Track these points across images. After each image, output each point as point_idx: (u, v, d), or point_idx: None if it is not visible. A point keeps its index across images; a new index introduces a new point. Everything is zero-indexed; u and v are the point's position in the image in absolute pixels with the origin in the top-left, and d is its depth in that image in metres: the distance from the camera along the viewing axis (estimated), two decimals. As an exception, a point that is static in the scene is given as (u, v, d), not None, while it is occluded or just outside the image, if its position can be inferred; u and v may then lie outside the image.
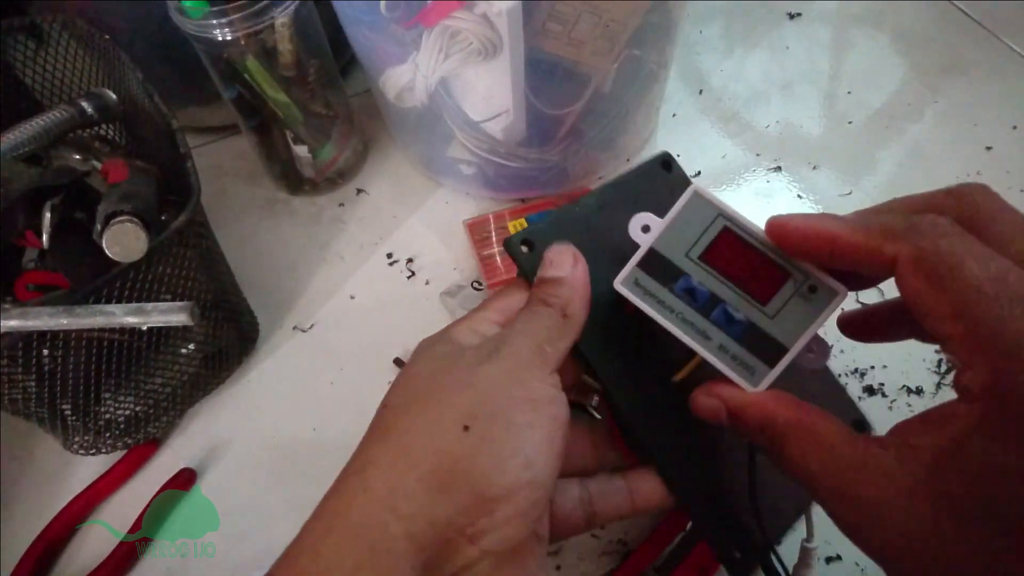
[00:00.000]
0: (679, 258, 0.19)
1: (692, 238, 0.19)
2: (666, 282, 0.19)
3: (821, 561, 0.34)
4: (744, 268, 0.18)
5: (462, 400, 0.18)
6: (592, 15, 0.37)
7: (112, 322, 0.31)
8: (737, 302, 0.19)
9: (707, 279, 0.19)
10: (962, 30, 0.60)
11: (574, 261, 0.21)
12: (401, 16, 0.37)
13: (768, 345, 0.18)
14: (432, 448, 0.17)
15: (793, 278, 0.18)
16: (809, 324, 0.18)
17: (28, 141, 0.39)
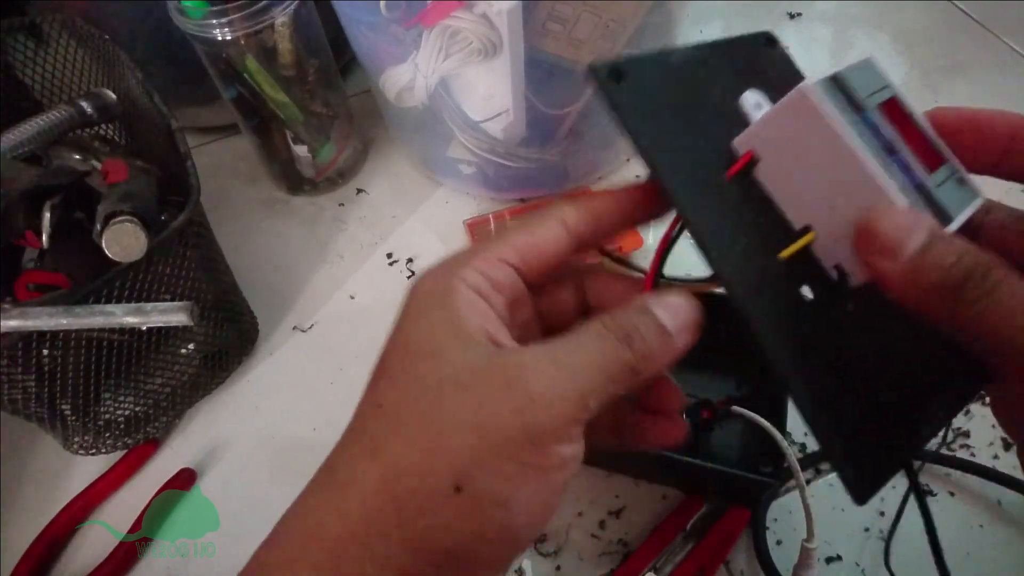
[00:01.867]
0: (863, 96, 0.17)
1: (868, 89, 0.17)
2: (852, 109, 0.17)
3: (821, 561, 0.34)
4: (912, 136, 0.17)
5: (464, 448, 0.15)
6: (592, 15, 0.37)
7: (112, 322, 0.31)
8: (912, 160, 0.17)
9: (887, 126, 0.17)
10: (962, 30, 0.60)
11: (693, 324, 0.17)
12: (401, 16, 0.37)
13: (936, 207, 0.17)
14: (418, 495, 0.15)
15: (948, 164, 0.17)
16: (966, 205, 0.17)
17: (28, 141, 0.39)
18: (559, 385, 0.15)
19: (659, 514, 0.36)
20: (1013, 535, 0.35)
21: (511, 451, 0.15)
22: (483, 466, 0.15)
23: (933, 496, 0.36)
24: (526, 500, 0.15)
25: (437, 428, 0.15)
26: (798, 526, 0.33)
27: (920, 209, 0.16)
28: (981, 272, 0.14)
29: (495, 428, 0.15)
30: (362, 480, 0.16)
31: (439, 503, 0.15)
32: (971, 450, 0.38)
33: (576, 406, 0.15)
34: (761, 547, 0.34)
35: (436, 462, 0.15)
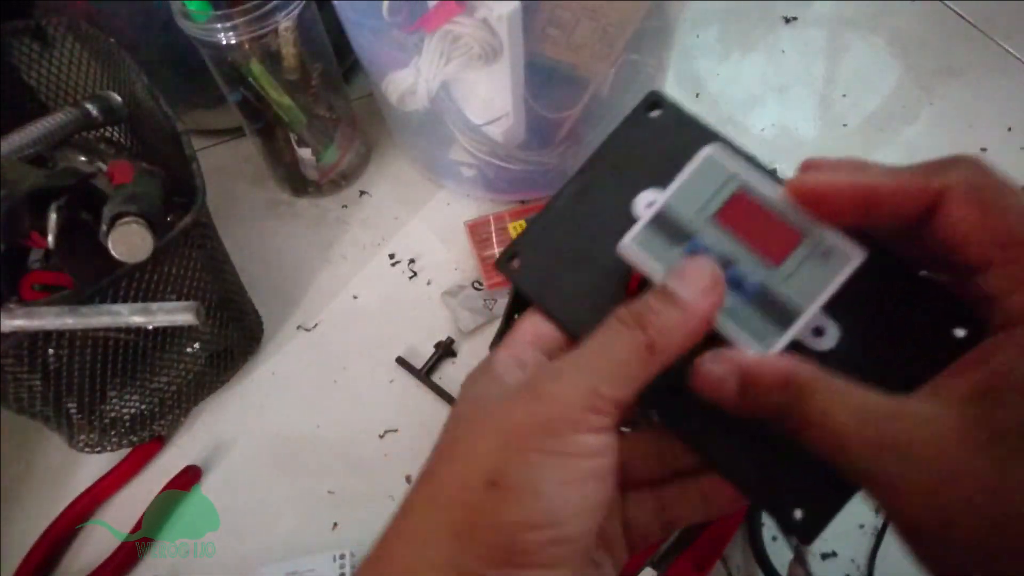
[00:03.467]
0: (689, 218, 0.18)
1: (704, 198, 0.18)
2: (675, 243, 0.18)
3: (816, 557, 0.35)
4: (757, 229, 0.18)
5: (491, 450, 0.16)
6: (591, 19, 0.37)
7: (118, 322, 0.32)
8: (749, 264, 0.17)
9: (718, 240, 0.18)
10: (957, 32, 0.61)
11: (711, 285, 0.17)
12: (403, 21, 0.38)
13: (781, 309, 0.17)
14: (459, 500, 0.16)
15: (807, 240, 0.17)
16: (824, 287, 0.17)
17: (33, 142, 0.39)
18: (569, 379, 0.16)
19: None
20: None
21: (533, 443, 0.16)
22: (510, 461, 0.16)
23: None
24: (557, 486, 0.16)
25: (470, 442, 0.17)
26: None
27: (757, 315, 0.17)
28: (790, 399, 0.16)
29: (516, 427, 0.16)
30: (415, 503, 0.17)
31: (477, 500, 0.16)
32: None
33: (587, 395, 0.16)
34: (757, 543, 0.34)
35: (470, 467, 0.16)
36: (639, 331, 0.16)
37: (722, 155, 0.19)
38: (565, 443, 0.16)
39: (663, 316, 0.17)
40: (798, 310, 0.17)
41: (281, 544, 0.37)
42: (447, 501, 0.16)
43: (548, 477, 0.16)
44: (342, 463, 0.40)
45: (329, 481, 0.39)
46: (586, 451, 0.16)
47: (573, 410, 0.16)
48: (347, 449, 0.40)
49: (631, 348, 0.16)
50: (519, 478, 0.16)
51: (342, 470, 0.39)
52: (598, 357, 0.17)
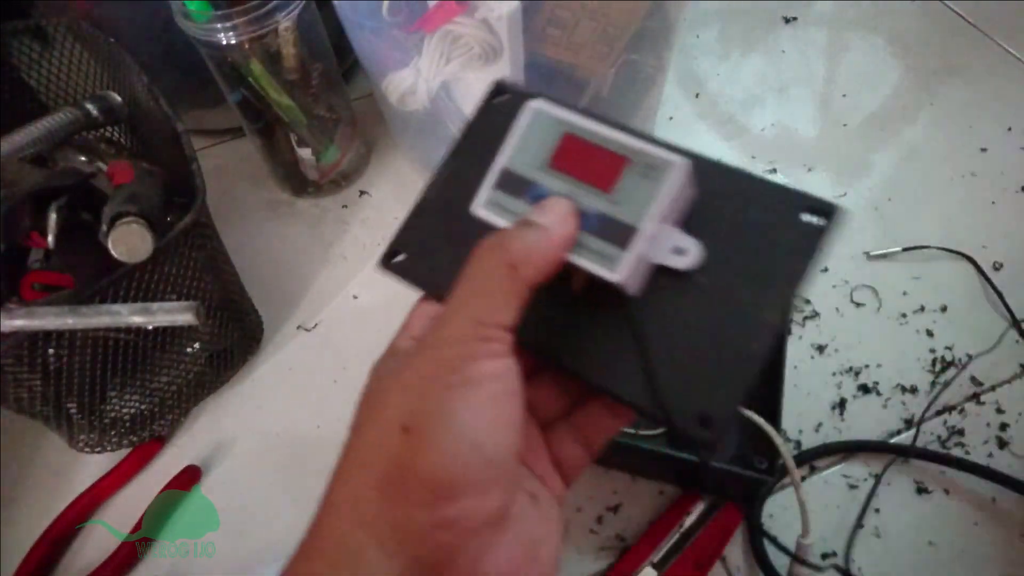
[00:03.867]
0: (528, 170, 0.20)
1: (538, 149, 0.20)
2: (520, 196, 0.19)
3: (816, 557, 0.35)
4: (588, 164, 0.19)
5: (399, 400, 0.17)
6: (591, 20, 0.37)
7: (118, 322, 0.32)
8: (587, 197, 0.19)
9: (556, 183, 0.19)
10: (957, 32, 0.61)
11: (566, 213, 0.18)
12: (403, 21, 0.38)
13: (620, 230, 0.18)
14: (380, 454, 0.17)
15: (633, 161, 0.19)
16: (653, 200, 0.18)
17: (34, 143, 0.39)
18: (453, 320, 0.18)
19: (656, 510, 0.36)
20: (1007, 533, 0.35)
21: (436, 383, 0.17)
22: (418, 403, 0.17)
23: (928, 494, 0.37)
24: (466, 413, 0.16)
25: (380, 402, 0.18)
26: (793, 522, 0.34)
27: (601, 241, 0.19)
28: None
29: (417, 375, 0.17)
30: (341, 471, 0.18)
31: (395, 448, 0.17)
32: (965, 448, 0.38)
33: (472, 327, 0.17)
34: (757, 543, 0.34)
35: (384, 421, 0.17)
36: (501, 252, 0.18)
37: (546, 106, 0.20)
38: (465, 374, 0.17)
39: (522, 237, 0.18)
40: (635, 227, 0.18)
41: (281, 544, 0.37)
42: (367, 458, 0.17)
43: (456, 407, 0.16)
44: (342, 463, 0.40)
45: (329, 481, 0.39)
46: (486, 376, 0.17)
47: (464, 344, 0.17)
48: (347, 449, 0.40)
49: (496, 270, 0.18)
50: (429, 415, 0.17)
51: (342, 470, 0.39)
52: (471, 291, 0.18)
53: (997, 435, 0.38)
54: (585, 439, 0.22)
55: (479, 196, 0.20)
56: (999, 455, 0.38)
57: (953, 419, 0.39)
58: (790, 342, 0.42)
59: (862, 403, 0.40)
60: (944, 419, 0.39)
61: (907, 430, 0.39)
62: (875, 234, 0.47)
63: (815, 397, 0.40)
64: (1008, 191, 0.49)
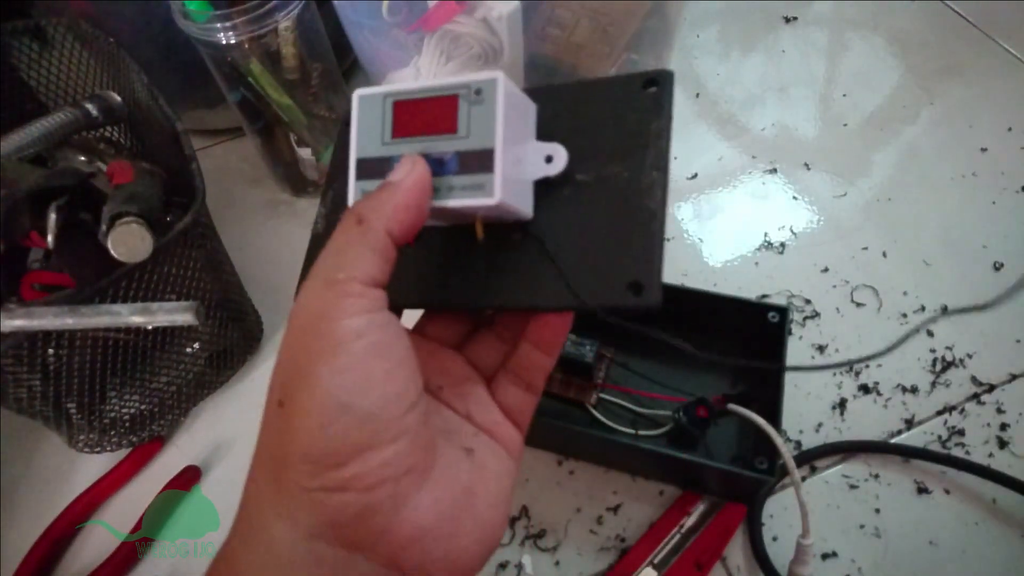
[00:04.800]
0: (377, 149, 0.20)
1: (379, 127, 0.20)
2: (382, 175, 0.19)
3: (817, 557, 0.35)
4: (426, 118, 0.20)
5: (276, 379, 0.18)
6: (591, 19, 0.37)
7: (117, 322, 0.32)
8: (439, 146, 0.19)
9: (405, 148, 0.20)
10: (957, 32, 0.61)
11: (410, 164, 0.19)
12: (403, 21, 0.38)
13: (480, 159, 0.19)
14: (264, 432, 0.18)
15: (460, 95, 0.19)
16: (492, 119, 0.19)
17: (33, 142, 0.39)
18: (311, 284, 0.17)
19: (656, 510, 0.36)
20: (1008, 533, 0.35)
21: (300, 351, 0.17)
22: (289, 375, 0.17)
23: (928, 494, 0.37)
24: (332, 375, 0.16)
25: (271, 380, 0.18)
26: (794, 522, 0.34)
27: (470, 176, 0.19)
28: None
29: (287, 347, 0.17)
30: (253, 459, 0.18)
31: (275, 424, 0.17)
32: (966, 448, 0.38)
33: (328, 288, 0.17)
34: (757, 543, 0.34)
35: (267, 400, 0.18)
36: (349, 213, 0.18)
37: (367, 90, 0.20)
38: (327, 336, 0.17)
39: (372, 195, 0.18)
40: (490, 148, 0.19)
41: (281, 544, 0.37)
42: (260, 438, 0.18)
43: (321, 371, 0.16)
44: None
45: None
46: (351, 335, 0.17)
47: (321, 305, 0.17)
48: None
49: (346, 230, 0.18)
50: (297, 386, 0.17)
51: (342, 470, 0.39)
52: (326, 255, 0.18)
53: (997, 435, 0.38)
54: (525, 381, 0.22)
55: (349, 194, 0.20)
56: (999, 455, 0.38)
57: (953, 419, 0.39)
58: (790, 342, 0.42)
59: (862, 403, 0.40)
60: (944, 419, 0.39)
61: (907, 430, 0.39)
62: (875, 234, 0.47)
63: (815, 397, 0.40)
64: (1008, 191, 0.49)
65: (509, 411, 0.22)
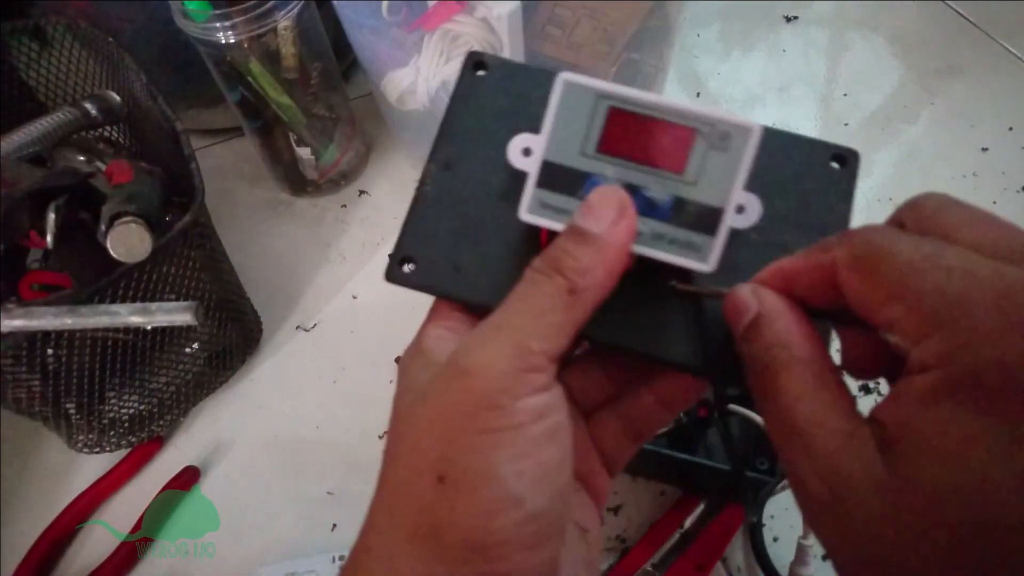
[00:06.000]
0: (575, 159, 0.17)
1: (582, 132, 0.17)
2: (573, 192, 0.17)
3: (817, 558, 0.35)
4: (648, 142, 0.16)
5: (432, 443, 0.15)
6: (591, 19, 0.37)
7: (116, 322, 0.32)
8: (654, 182, 0.16)
9: (614, 171, 0.17)
10: (958, 32, 0.60)
11: (619, 213, 0.16)
12: (403, 20, 0.38)
13: (702, 214, 0.16)
14: (413, 505, 0.15)
15: (701, 132, 0.16)
16: (735, 174, 0.16)
17: (32, 142, 0.39)
18: (493, 344, 0.15)
19: (657, 511, 0.36)
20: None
21: (473, 425, 0.15)
22: (455, 449, 0.15)
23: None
24: (509, 462, 0.15)
25: (412, 440, 0.16)
26: (794, 523, 0.33)
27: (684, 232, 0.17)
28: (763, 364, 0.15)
29: (451, 411, 0.15)
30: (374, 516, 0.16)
31: (430, 499, 0.15)
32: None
33: (517, 356, 0.15)
34: (758, 544, 0.34)
35: (416, 467, 0.15)
36: (558, 277, 0.16)
37: (579, 78, 0.17)
38: (506, 415, 0.15)
39: (579, 256, 0.16)
40: (719, 208, 0.17)
41: (280, 545, 0.37)
42: (402, 508, 0.16)
43: (497, 457, 0.15)
44: (341, 464, 0.40)
45: (328, 482, 0.39)
46: (531, 416, 0.15)
47: (506, 377, 0.15)
48: (346, 450, 0.40)
49: (552, 295, 0.15)
50: (466, 466, 0.15)
51: (341, 471, 0.39)
52: (520, 313, 0.16)
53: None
54: (635, 431, 0.20)
55: (523, 199, 0.17)
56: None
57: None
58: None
59: (863, 403, 0.40)
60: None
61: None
62: (876, 234, 0.47)
63: (816, 397, 0.40)
64: (1009, 191, 0.49)
65: (605, 455, 0.20)
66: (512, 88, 0.20)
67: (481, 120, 0.20)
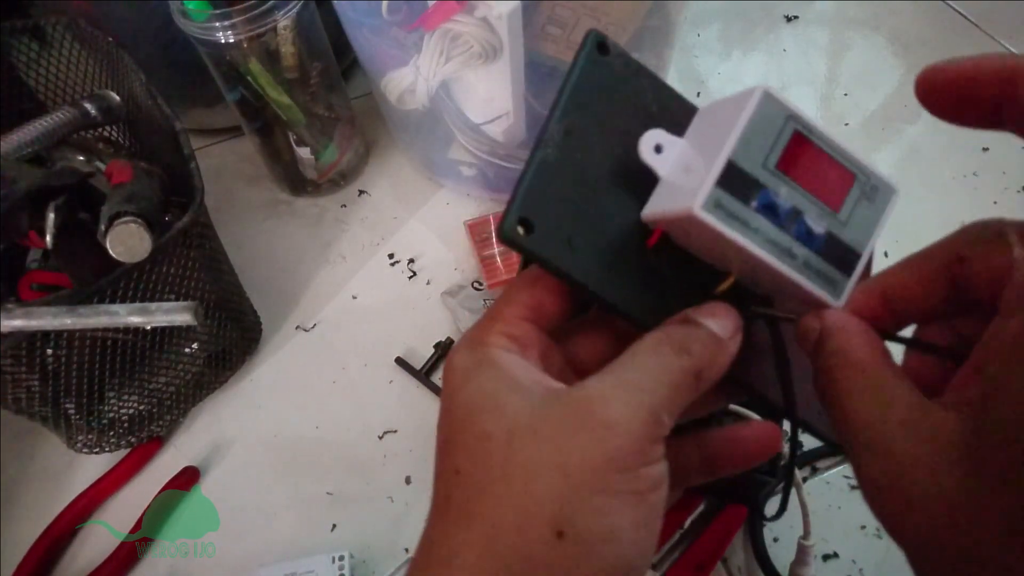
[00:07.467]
0: (755, 168, 0.17)
1: (765, 144, 0.17)
2: (747, 199, 0.17)
3: (818, 558, 0.35)
4: (816, 174, 0.17)
5: (554, 492, 0.15)
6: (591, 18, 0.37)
7: (116, 322, 0.31)
8: (814, 213, 0.17)
9: (785, 191, 0.17)
10: (958, 31, 0.60)
11: (735, 329, 0.17)
12: (403, 19, 0.38)
13: (844, 254, 0.17)
14: (522, 552, 0.15)
15: (858, 180, 0.17)
16: (875, 226, 0.18)
17: (32, 142, 0.39)
18: (630, 406, 0.15)
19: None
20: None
21: (602, 483, 0.15)
22: (579, 505, 0.15)
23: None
24: (631, 528, 0.15)
25: (522, 479, 0.15)
26: (795, 524, 0.33)
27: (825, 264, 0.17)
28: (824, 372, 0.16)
29: (580, 464, 0.15)
30: (464, 552, 0.15)
31: (545, 554, 0.14)
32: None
33: (652, 423, 0.15)
34: (758, 544, 0.34)
35: (531, 514, 0.15)
36: (687, 357, 0.16)
37: (778, 94, 0.17)
38: (634, 479, 0.15)
39: (707, 347, 0.16)
40: (858, 253, 0.18)
41: (280, 545, 0.37)
42: (508, 552, 0.15)
43: (621, 521, 0.15)
44: (341, 464, 0.40)
45: (328, 482, 0.39)
46: (653, 484, 0.15)
47: (639, 440, 0.15)
48: (346, 450, 0.40)
49: (681, 374, 0.16)
50: (591, 526, 0.14)
51: (341, 471, 0.39)
52: (653, 380, 0.16)
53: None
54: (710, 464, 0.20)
55: (699, 194, 0.16)
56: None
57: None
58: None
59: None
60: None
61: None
62: (876, 234, 0.47)
63: (816, 397, 0.40)
64: (1009, 191, 0.49)
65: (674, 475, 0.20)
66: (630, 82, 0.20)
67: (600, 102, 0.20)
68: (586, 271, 0.18)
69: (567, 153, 0.19)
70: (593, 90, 0.19)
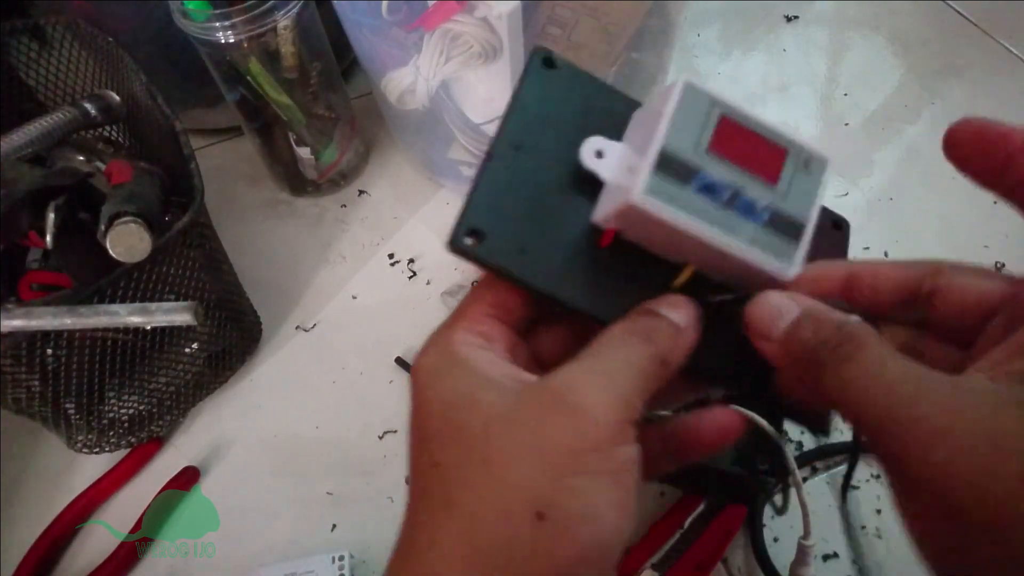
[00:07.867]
0: (688, 154, 0.18)
1: (694, 130, 0.18)
2: (683, 183, 0.17)
3: (818, 559, 0.35)
4: (749, 152, 0.18)
5: (533, 476, 0.15)
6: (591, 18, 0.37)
7: (116, 322, 0.31)
8: (755, 189, 0.18)
9: (721, 171, 0.18)
10: (958, 31, 0.60)
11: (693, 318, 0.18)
12: (403, 19, 0.38)
13: (789, 224, 0.18)
14: (503, 537, 0.15)
15: (790, 153, 0.18)
16: (814, 195, 0.18)
17: (32, 142, 0.39)
18: (602, 391, 0.16)
19: (657, 511, 0.36)
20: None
21: (579, 464, 0.15)
22: (557, 486, 0.15)
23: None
24: (607, 509, 0.15)
25: (501, 465, 0.15)
26: (795, 524, 0.33)
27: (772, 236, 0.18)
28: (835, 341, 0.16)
29: (556, 447, 0.15)
30: (443, 540, 0.15)
31: (526, 537, 0.15)
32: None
33: (623, 406, 0.16)
34: (758, 544, 0.34)
35: (510, 498, 0.15)
36: (652, 345, 0.17)
37: (698, 83, 0.18)
38: (610, 459, 0.15)
39: (670, 335, 0.17)
40: (803, 222, 0.18)
41: (280, 545, 0.37)
42: (488, 537, 0.15)
43: (598, 500, 0.15)
44: (341, 464, 0.40)
45: (328, 482, 0.39)
46: (625, 464, 0.16)
47: (612, 422, 0.15)
48: (346, 450, 0.40)
49: (648, 360, 0.17)
50: (570, 506, 0.15)
51: (341, 471, 0.39)
52: (624, 366, 0.16)
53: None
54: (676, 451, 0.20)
55: (638, 182, 0.17)
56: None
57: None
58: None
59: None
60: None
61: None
62: (877, 233, 0.47)
63: (816, 397, 0.40)
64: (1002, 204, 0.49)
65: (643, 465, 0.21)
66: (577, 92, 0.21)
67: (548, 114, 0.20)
68: (541, 275, 0.19)
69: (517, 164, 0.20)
70: (541, 103, 0.21)
